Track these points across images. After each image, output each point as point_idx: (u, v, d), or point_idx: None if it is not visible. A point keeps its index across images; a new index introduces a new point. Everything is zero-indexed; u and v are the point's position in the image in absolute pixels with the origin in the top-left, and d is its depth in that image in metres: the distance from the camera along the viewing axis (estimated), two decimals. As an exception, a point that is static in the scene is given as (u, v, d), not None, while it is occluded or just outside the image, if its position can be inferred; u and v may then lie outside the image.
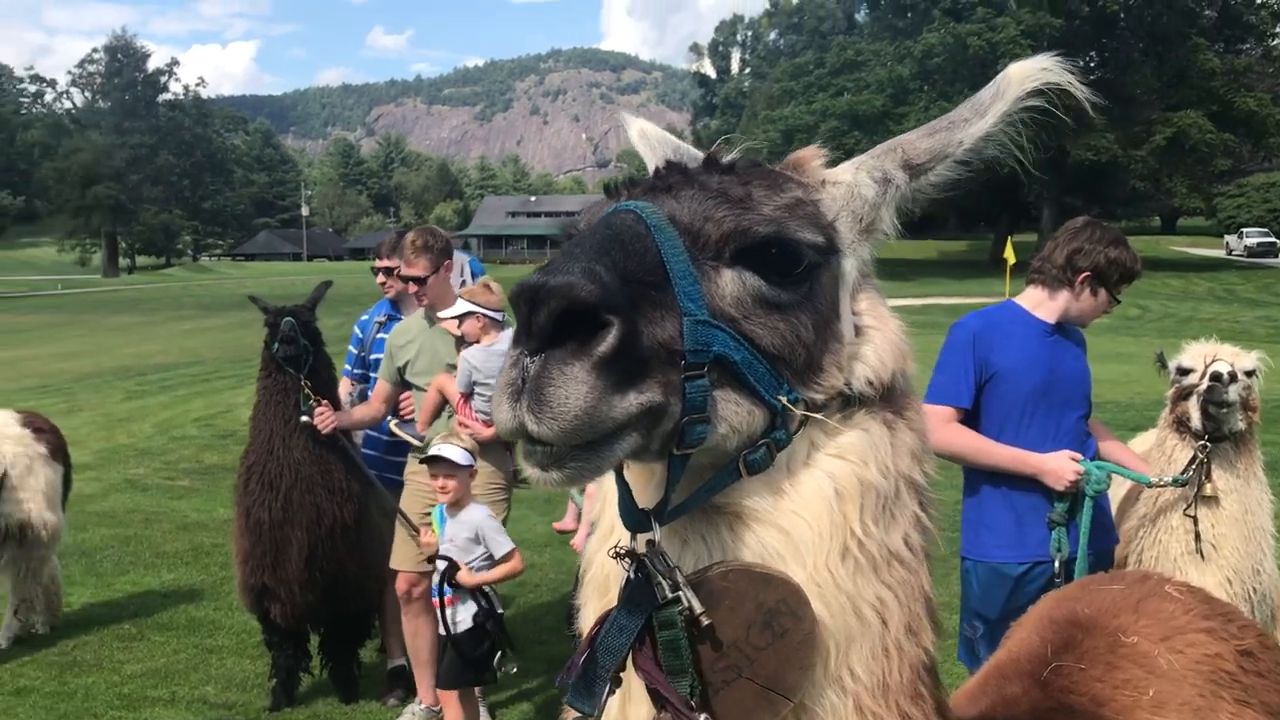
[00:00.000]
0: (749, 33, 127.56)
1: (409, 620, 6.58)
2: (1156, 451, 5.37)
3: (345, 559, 6.87)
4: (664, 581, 1.57)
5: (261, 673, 7.28)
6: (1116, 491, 5.65)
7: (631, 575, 1.61)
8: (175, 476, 14.53)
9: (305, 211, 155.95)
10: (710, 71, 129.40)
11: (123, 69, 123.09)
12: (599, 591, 1.77)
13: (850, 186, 1.81)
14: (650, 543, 1.60)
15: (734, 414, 1.58)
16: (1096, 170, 71.04)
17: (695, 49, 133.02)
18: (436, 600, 5.85)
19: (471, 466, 5.90)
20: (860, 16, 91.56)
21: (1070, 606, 2.71)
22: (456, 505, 5.87)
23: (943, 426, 4.74)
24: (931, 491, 1.80)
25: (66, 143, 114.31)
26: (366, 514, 7.00)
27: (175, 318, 49.70)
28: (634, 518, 1.63)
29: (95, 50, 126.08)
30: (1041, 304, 4.87)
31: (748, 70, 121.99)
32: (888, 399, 1.76)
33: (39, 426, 8.69)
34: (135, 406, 21.12)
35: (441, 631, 5.91)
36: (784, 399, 1.62)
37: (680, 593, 1.56)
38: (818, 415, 1.68)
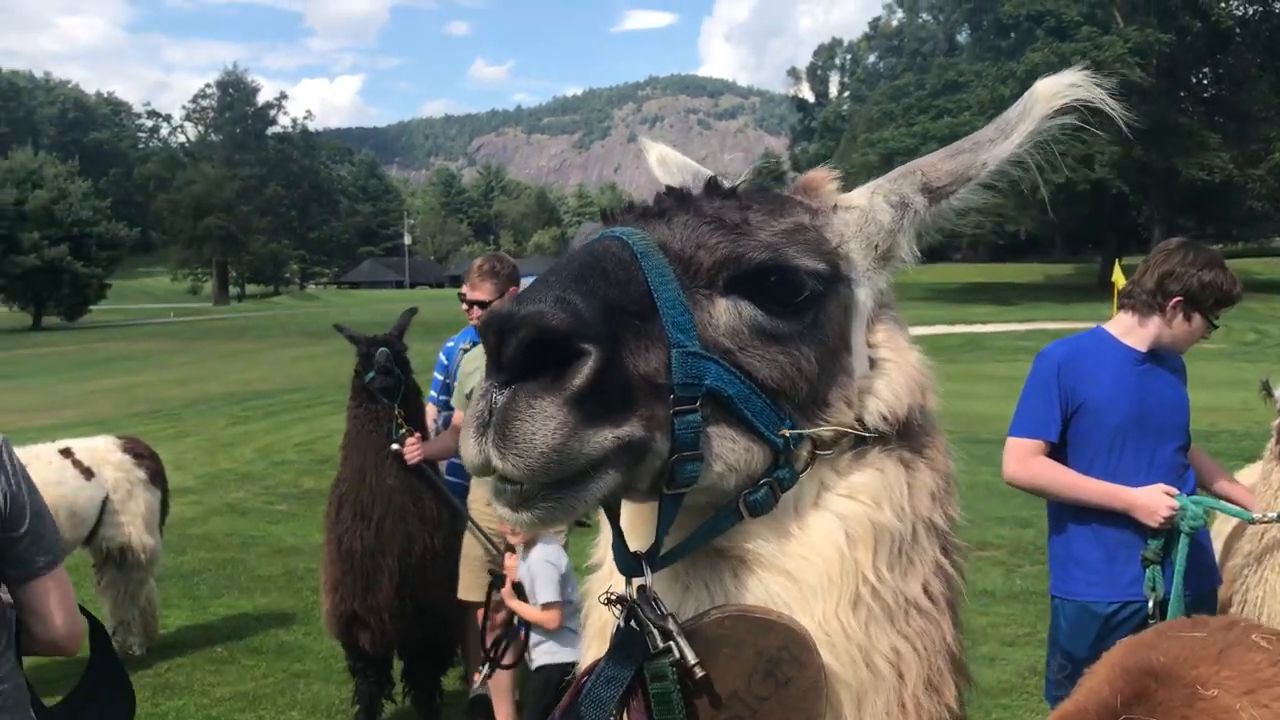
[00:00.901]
0: (848, 56, 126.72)
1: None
2: (1262, 485, 5.08)
3: (434, 587, 6.88)
4: (655, 630, 1.48)
5: (346, 698, 7.33)
6: (1223, 528, 5.37)
7: (621, 623, 1.53)
8: (274, 501, 14.84)
9: (408, 240, 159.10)
10: (808, 95, 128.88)
11: (234, 103, 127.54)
12: (599, 638, 1.68)
13: (864, 211, 1.72)
14: (642, 589, 1.51)
15: (730, 451, 1.49)
16: (1210, 190, 68.80)
17: (793, 73, 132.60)
18: (523, 633, 5.84)
19: None
20: (962, 38, 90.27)
21: (1145, 654, 2.54)
22: (527, 545, 5.85)
23: (1028, 460, 4.57)
24: (956, 536, 1.69)
25: (180, 175, 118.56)
26: (454, 541, 7.02)
27: (281, 344, 50.94)
28: (626, 561, 1.55)
29: (208, 85, 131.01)
30: (1132, 330, 4.66)
31: (847, 93, 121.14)
32: (905, 436, 1.65)
33: (139, 452, 8.93)
34: (239, 431, 21.66)
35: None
36: (786, 435, 1.53)
37: (672, 642, 1.47)
38: (827, 453, 1.58)
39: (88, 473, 8.34)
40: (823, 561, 1.55)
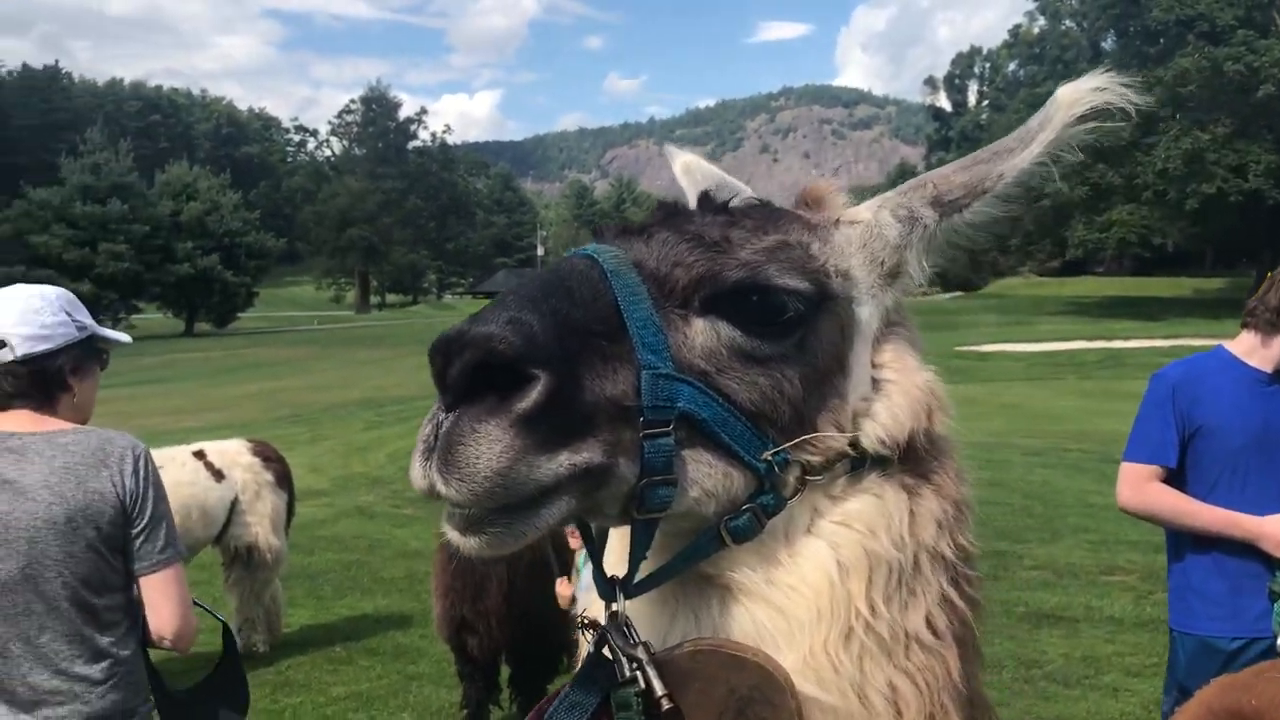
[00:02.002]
0: (987, 64, 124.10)
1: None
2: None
3: (541, 595, 6.94)
4: (624, 659, 1.43)
5: (456, 702, 7.43)
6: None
7: (591, 649, 1.49)
8: (401, 505, 15.17)
9: (540, 251, 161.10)
10: (946, 105, 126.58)
11: (377, 118, 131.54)
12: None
13: (869, 226, 1.65)
14: (613, 615, 1.47)
15: (706, 476, 1.44)
16: (1376, 203, 64.87)
17: (930, 82, 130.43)
18: None
19: None
20: (1107, 44, 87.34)
21: (1236, 696, 2.39)
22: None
23: (1143, 486, 4.37)
24: (968, 567, 1.60)
25: (325, 188, 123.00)
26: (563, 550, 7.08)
27: (417, 352, 51.10)
28: (603, 585, 1.51)
29: (353, 101, 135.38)
30: (1255, 350, 4.41)
31: (985, 102, 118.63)
32: (907, 460, 1.57)
33: (267, 455, 9.26)
34: (373, 436, 22.27)
35: None
36: (769, 459, 1.47)
37: (639, 672, 1.42)
38: (818, 478, 1.51)
39: (218, 474, 8.68)
40: (812, 592, 1.48)
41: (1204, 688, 2.68)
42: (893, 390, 1.61)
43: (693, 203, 1.81)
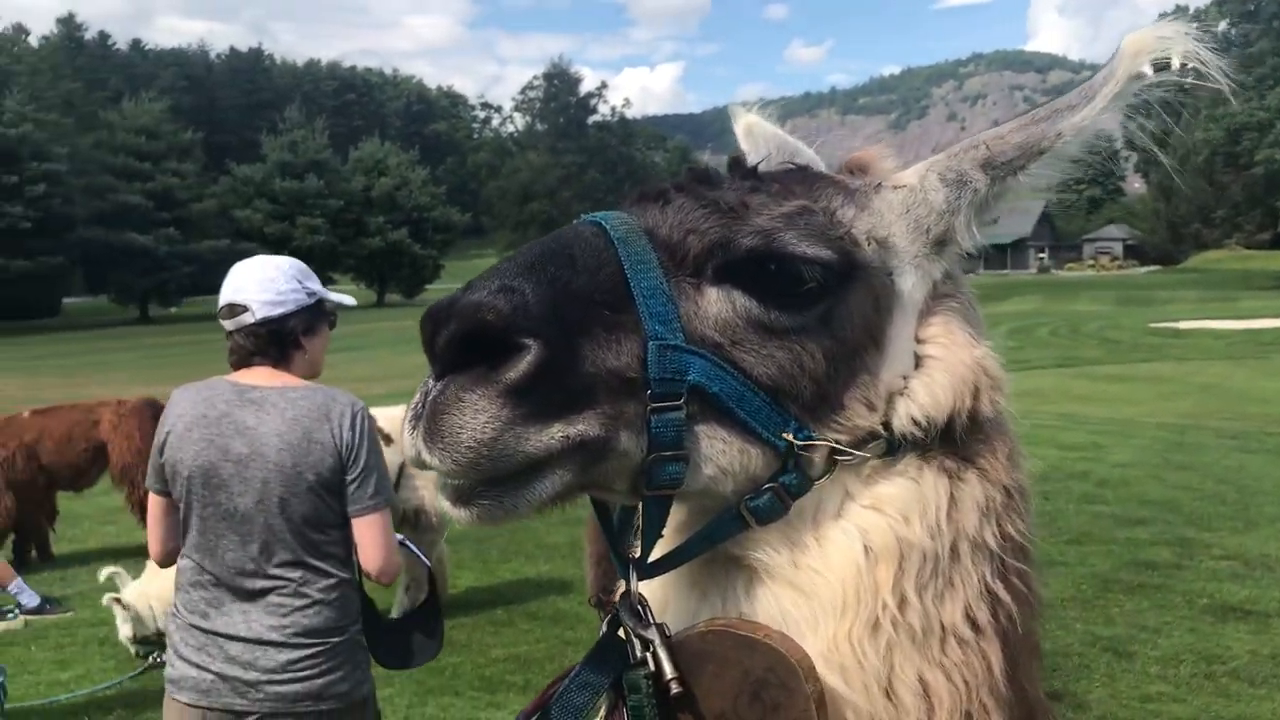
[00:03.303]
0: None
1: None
2: None
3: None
4: (635, 640, 1.39)
5: (609, 669, 7.54)
6: None
7: (604, 628, 1.45)
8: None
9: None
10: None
11: (558, 93, 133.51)
12: None
13: (913, 190, 1.52)
14: (625, 595, 1.43)
15: (721, 453, 1.37)
16: None
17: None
18: None
19: None
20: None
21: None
22: None
23: None
24: (1018, 558, 1.46)
25: (508, 163, 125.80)
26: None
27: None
28: (620, 564, 1.46)
29: (536, 77, 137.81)
30: None
31: (1189, 65, 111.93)
32: (950, 442, 1.45)
33: (437, 422, 9.54)
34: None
35: None
36: (790, 437, 1.38)
37: (649, 654, 1.38)
38: (847, 458, 1.41)
39: (387, 439, 8.98)
40: (838, 579, 1.40)
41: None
42: (934, 367, 1.49)
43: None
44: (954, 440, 1.47)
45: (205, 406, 3.92)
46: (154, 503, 4.09)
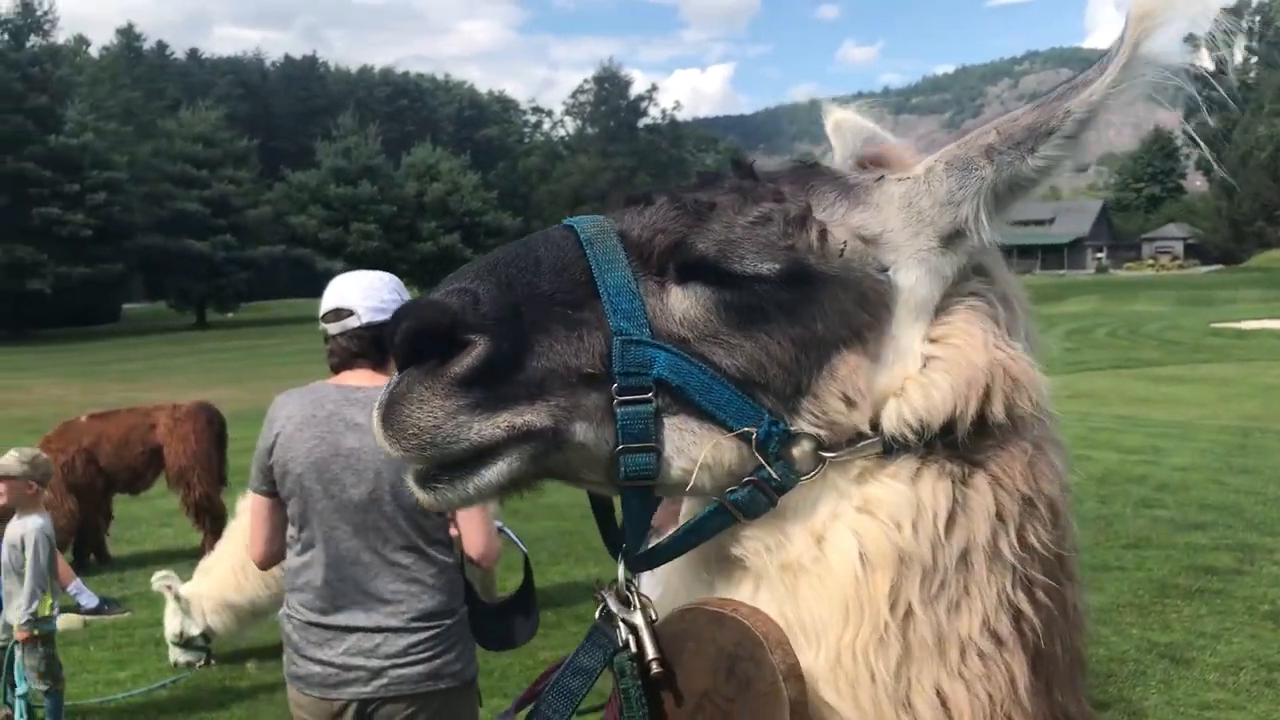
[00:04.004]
0: (1256, 18, 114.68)
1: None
2: None
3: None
4: (621, 624, 1.43)
5: (656, 673, 7.52)
6: None
7: (598, 614, 1.49)
8: (617, 476, 15.45)
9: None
10: (1208, 64, 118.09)
11: (609, 97, 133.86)
12: None
13: (916, 181, 1.47)
14: (613, 583, 1.48)
15: (692, 445, 1.39)
16: None
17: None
18: None
19: None
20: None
21: None
22: None
23: None
24: (1042, 569, 1.39)
25: (559, 167, 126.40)
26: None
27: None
28: (614, 552, 1.52)
29: (586, 81, 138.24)
30: None
31: (1254, 60, 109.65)
32: (955, 446, 1.39)
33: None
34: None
35: None
36: (767, 429, 1.39)
37: (631, 636, 1.41)
38: (830, 455, 1.40)
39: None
40: (838, 585, 1.38)
41: None
42: (936, 368, 1.43)
43: (837, 161, 1.77)
44: (959, 444, 1.41)
45: (314, 407, 4.16)
46: (258, 503, 4.31)
